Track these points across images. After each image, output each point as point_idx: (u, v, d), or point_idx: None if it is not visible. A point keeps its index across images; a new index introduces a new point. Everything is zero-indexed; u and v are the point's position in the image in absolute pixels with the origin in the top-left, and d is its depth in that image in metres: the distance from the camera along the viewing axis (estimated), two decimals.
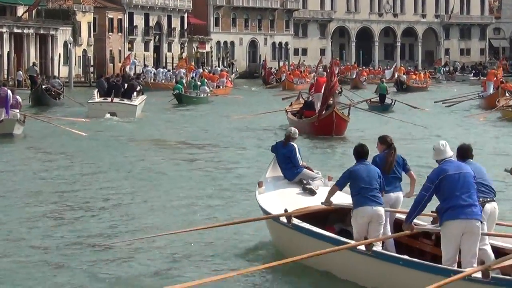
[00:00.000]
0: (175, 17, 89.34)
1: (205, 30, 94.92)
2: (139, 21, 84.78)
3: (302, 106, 31.57)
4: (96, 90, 40.94)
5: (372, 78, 74.64)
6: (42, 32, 70.29)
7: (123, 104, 37.20)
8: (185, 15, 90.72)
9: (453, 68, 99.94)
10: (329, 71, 29.31)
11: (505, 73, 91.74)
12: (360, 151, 10.95)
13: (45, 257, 11.86)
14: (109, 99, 37.53)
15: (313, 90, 31.29)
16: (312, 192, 12.40)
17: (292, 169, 13.13)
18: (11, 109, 28.41)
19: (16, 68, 64.24)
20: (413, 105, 41.25)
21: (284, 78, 69.80)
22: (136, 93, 39.29)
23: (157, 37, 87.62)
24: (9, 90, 29.47)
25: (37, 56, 69.04)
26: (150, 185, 18.18)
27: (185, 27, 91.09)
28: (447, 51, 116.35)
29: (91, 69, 72.19)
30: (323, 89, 27.81)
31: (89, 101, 38.41)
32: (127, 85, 39.95)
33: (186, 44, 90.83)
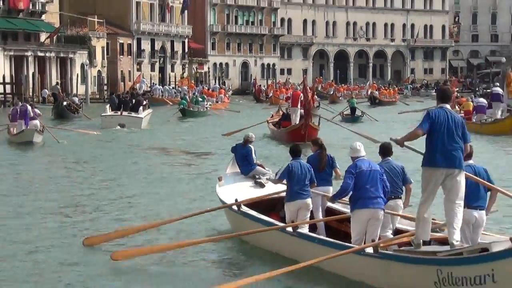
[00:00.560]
0: (177, 42, 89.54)
1: (203, 53, 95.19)
2: (146, 45, 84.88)
3: (280, 117, 32.05)
4: (108, 105, 41.47)
5: (348, 94, 75.01)
6: (62, 55, 70.46)
7: (130, 116, 37.67)
8: (186, 40, 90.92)
9: (420, 85, 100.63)
10: (302, 88, 29.72)
11: (465, 89, 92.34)
12: (294, 150, 11.58)
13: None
14: (119, 113, 38.08)
15: (290, 103, 31.47)
16: (261, 185, 13.01)
17: (247, 166, 13.83)
18: (31, 120, 28.91)
19: (40, 87, 64.50)
20: (373, 117, 42.04)
21: (271, 94, 70.23)
22: (142, 107, 39.65)
23: (162, 59, 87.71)
24: (28, 105, 29.92)
25: (58, 76, 69.04)
26: (148, 184, 18.53)
27: (186, 50, 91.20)
28: (412, 71, 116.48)
29: (105, 87, 72.33)
30: (303, 103, 28.16)
31: (102, 114, 39.02)
32: (134, 101, 40.36)
33: (187, 65, 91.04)
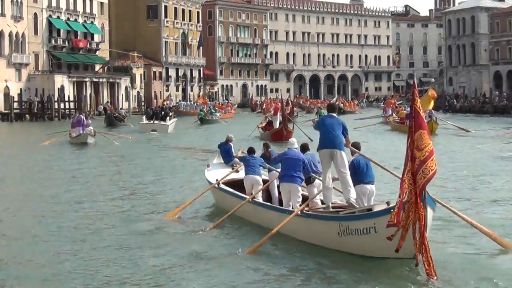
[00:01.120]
0: (195, 69, 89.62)
1: (214, 77, 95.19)
2: (172, 72, 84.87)
3: (266, 123, 33.09)
4: (144, 116, 41.98)
5: (318, 106, 75.41)
6: (111, 80, 70.87)
7: (160, 124, 38.15)
8: (201, 68, 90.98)
9: (372, 100, 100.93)
10: (281, 103, 30.81)
11: (406, 101, 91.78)
12: (249, 150, 12.24)
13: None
14: (152, 121, 38.54)
15: (273, 113, 33.00)
16: (237, 171, 13.09)
17: (229, 157, 14.15)
18: (86, 127, 29.22)
19: (96, 104, 64.99)
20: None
21: (264, 106, 70.38)
22: (169, 117, 40.11)
23: (184, 82, 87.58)
24: (83, 116, 30.16)
25: (108, 96, 69.45)
26: (171, 175, 18.32)
27: (201, 76, 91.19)
28: (366, 89, 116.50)
29: (142, 103, 72.74)
30: (281, 113, 29.08)
31: (140, 123, 39.60)
32: (163, 113, 40.93)
33: (202, 86, 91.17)
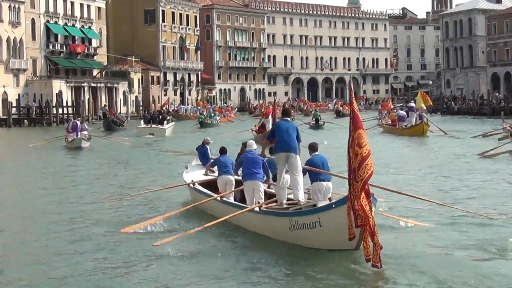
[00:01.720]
0: (193, 74, 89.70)
1: (212, 81, 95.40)
2: (170, 77, 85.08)
3: (259, 126, 33.77)
4: (142, 120, 42.35)
5: (315, 109, 75.71)
6: (109, 85, 71.08)
7: (157, 128, 38.45)
8: (199, 73, 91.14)
9: (371, 102, 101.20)
10: (272, 106, 30.96)
11: (405, 103, 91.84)
12: (220, 149, 12.55)
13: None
14: (149, 125, 38.89)
15: (265, 116, 33.60)
16: (212, 171, 13.30)
17: (205, 159, 14.57)
18: (81, 132, 29.34)
19: (94, 109, 65.21)
20: (337, 124, 42.58)
21: (263, 110, 70.41)
22: (166, 121, 40.44)
23: (182, 86, 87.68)
24: (78, 121, 30.29)
25: (106, 100, 69.63)
26: (163, 174, 18.77)
27: (199, 80, 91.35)
28: (364, 92, 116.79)
29: (140, 108, 72.81)
30: (272, 116, 29.35)
31: (138, 127, 39.91)
32: (161, 117, 41.21)
33: (200, 90, 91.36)
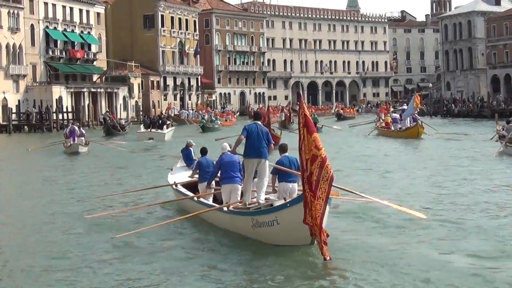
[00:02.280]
0: (193, 78, 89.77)
1: (212, 86, 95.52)
2: (170, 81, 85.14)
3: None
4: (142, 125, 42.55)
5: (315, 112, 75.86)
6: (109, 90, 71.26)
7: (157, 132, 38.62)
8: (199, 77, 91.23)
9: (371, 105, 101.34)
10: (266, 109, 31.12)
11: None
12: (202, 150, 12.81)
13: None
14: (149, 130, 39.10)
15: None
16: (196, 173, 13.43)
17: (189, 161, 15.02)
18: (78, 138, 29.26)
19: (94, 114, 65.24)
20: (337, 128, 42.86)
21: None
22: (166, 126, 40.61)
23: (182, 91, 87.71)
24: (76, 126, 30.11)
25: (106, 106, 69.70)
26: (154, 176, 18.94)
27: (199, 84, 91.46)
28: (364, 95, 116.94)
29: (140, 113, 72.83)
30: (265, 119, 29.44)
31: (138, 131, 40.04)
32: (161, 121, 41.40)
33: (200, 95, 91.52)
